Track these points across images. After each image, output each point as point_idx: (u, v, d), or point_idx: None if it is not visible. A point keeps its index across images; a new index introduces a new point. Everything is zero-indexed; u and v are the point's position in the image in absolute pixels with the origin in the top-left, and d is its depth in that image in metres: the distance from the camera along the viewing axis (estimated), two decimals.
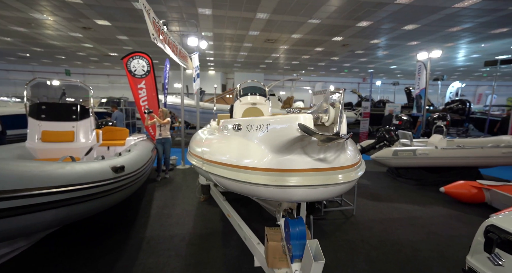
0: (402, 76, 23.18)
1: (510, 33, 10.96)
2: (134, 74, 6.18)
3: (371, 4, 8.11)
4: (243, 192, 1.53)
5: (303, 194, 1.33)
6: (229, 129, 1.83)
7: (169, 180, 5.62)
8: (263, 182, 1.35)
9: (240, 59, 16.92)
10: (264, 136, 1.38)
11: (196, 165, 2.08)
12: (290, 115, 1.20)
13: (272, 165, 1.35)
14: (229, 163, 1.53)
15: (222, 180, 1.63)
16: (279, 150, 1.32)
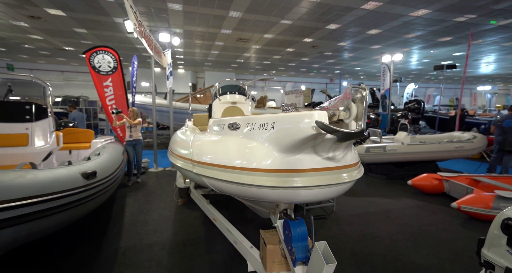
0: (365, 78, 24.80)
1: (453, 42, 12.37)
2: (98, 71, 5.65)
3: (339, 8, 8.50)
4: (245, 195, 1.44)
5: (312, 195, 1.29)
6: (223, 129, 1.72)
7: (141, 184, 5.25)
8: (270, 183, 1.28)
9: (211, 58, 16.58)
10: (270, 135, 1.30)
11: (184, 167, 1.92)
12: (302, 113, 1.15)
13: (280, 165, 1.29)
14: (228, 164, 1.42)
15: (219, 183, 1.52)
16: (289, 149, 1.26)
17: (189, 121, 5.27)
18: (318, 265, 1.34)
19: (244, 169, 1.36)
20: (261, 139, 1.36)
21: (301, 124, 1.15)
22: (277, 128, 1.27)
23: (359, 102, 1.02)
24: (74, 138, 4.94)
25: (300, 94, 14.44)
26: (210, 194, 3.79)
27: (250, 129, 1.44)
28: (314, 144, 1.23)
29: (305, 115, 1.12)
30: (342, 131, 1.01)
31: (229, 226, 2.28)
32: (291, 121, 1.21)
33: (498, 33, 11.19)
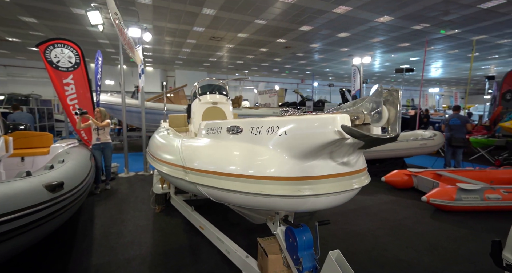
0: (333, 79, 25.98)
1: (410, 48, 13.53)
2: (57, 66, 5.04)
3: (312, 10, 8.73)
4: (251, 204, 1.33)
5: (325, 202, 1.23)
6: (220, 132, 1.58)
7: (111, 192, 4.81)
8: (283, 192, 1.18)
9: (182, 56, 15.96)
10: (282, 140, 1.20)
11: (172, 174, 1.74)
12: (322, 116, 1.06)
13: (294, 172, 1.20)
14: (231, 172, 1.30)
15: (219, 192, 1.39)
16: (304, 155, 1.18)
17: (164, 123, 4.96)
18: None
19: (251, 177, 1.25)
20: (271, 143, 1.25)
21: (321, 129, 1.07)
22: (290, 132, 1.18)
23: (392, 106, 0.97)
24: (28, 142, 4.33)
25: (274, 94, 14.59)
26: (191, 199, 3.59)
27: (255, 133, 1.33)
28: (333, 149, 1.16)
29: (326, 119, 1.05)
30: (373, 137, 0.96)
31: (219, 234, 2.14)
32: (309, 125, 1.12)
33: (445, 41, 12.50)
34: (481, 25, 10.20)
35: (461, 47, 13.54)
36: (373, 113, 0.97)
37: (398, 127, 0.95)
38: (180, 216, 3.68)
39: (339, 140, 1.02)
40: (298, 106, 12.93)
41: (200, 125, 1.88)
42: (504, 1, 8.07)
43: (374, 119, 0.98)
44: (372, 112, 0.97)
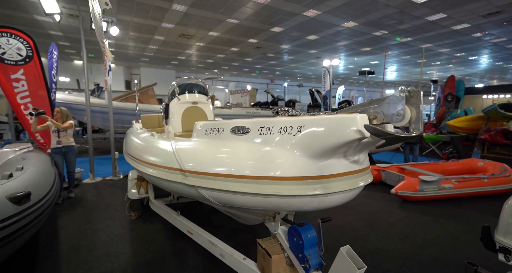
0: (302, 79, 26.92)
1: (371, 52, 14.64)
2: (1, 59, 4.41)
3: (284, 12, 8.94)
4: (263, 206, 1.30)
5: (337, 200, 1.26)
6: (222, 133, 1.51)
7: (76, 200, 4.36)
8: (299, 192, 1.18)
9: (149, 53, 15.12)
10: (298, 140, 1.19)
11: (166, 178, 1.63)
12: (342, 116, 1.07)
13: (310, 172, 1.20)
14: (243, 174, 1.26)
15: (225, 195, 1.33)
16: (320, 154, 1.18)
17: (137, 124, 4.66)
18: (347, 271, 1.31)
19: (266, 178, 1.22)
20: (284, 144, 1.24)
21: (342, 128, 1.08)
22: (305, 132, 1.18)
23: (414, 105, 1.02)
24: None
25: (246, 94, 14.60)
26: (172, 203, 3.42)
27: (265, 133, 1.30)
28: (347, 148, 1.19)
29: (346, 119, 1.06)
30: (399, 136, 1.01)
31: (211, 238, 2.06)
32: (328, 125, 1.12)
33: (400, 48, 13.79)
34: (427, 35, 11.46)
35: (412, 54, 15.05)
36: (396, 113, 1.00)
37: (421, 126, 1.01)
38: (159, 222, 3.49)
39: (359, 139, 1.06)
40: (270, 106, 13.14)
41: (196, 126, 1.79)
42: (445, 15, 9.18)
43: (396, 119, 1.02)
44: (394, 112, 1.01)
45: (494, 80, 27.71)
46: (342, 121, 1.06)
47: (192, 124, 3.71)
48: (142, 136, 2.62)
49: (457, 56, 15.49)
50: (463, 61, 17.32)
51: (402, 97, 0.97)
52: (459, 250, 2.82)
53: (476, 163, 5.34)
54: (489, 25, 10.26)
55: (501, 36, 11.66)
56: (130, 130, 3.96)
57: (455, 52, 14.57)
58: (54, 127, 4.15)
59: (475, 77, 24.68)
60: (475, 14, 9.16)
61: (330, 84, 10.03)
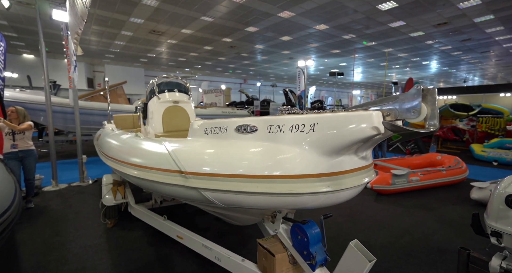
0: (274, 79, 27.37)
1: (340, 54, 15.45)
2: None
3: (259, 12, 9.01)
4: (275, 205, 1.27)
5: (347, 196, 1.27)
6: (225, 132, 1.45)
7: (37, 211, 3.90)
8: (313, 190, 1.18)
9: (115, 49, 14.14)
10: (312, 137, 1.19)
11: (161, 181, 1.52)
12: (357, 113, 1.08)
13: (325, 169, 1.20)
14: (255, 174, 1.23)
15: (234, 196, 1.27)
16: (335, 151, 1.18)
17: (109, 124, 4.33)
18: (358, 264, 1.35)
19: (279, 177, 1.21)
20: (296, 141, 1.23)
21: (358, 125, 1.09)
22: (319, 129, 1.18)
23: (429, 102, 1.06)
24: None
25: (221, 93, 14.42)
26: (154, 207, 3.24)
27: (275, 131, 1.28)
28: (362, 144, 1.21)
29: (363, 116, 1.08)
30: (415, 131, 1.05)
31: (204, 241, 1.98)
32: (343, 123, 1.13)
33: (365, 51, 14.77)
34: (389, 40, 12.44)
35: (376, 57, 16.20)
36: (412, 110, 1.05)
37: (437, 122, 1.06)
38: (139, 228, 3.28)
39: (374, 135, 1.09)
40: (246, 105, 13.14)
41: (193, 126, 1.69)
42: (404, 23, 10.07)
43: (412, 115, 1.07)
44: (410, 109, 1.05)
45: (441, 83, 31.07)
46: (358, 119, 1.09)
47: (173, 125, 3.57)
48: (124, 137, 2.43)
49: (413, 60, 17.05)
50: (417, 66, 19.13)
51: (418, 95, 1.02)
52: (430, 236, 3.10)
53: (435, 157, 5.93)
54: (438, 34, 11.48)
55: (448, 44, 13.12)
56: (104, 132, 3.66)
57: (412, 57, 16.02)
58: (7, 129, 3.67)
59: (426, 80, 27.39)
60: (428, 24, 10.17)
61: (305, 84, 10.34)
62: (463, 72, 22.52)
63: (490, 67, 20.06)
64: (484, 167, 6.63)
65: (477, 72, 22.83)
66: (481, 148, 7.58)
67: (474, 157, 7.44)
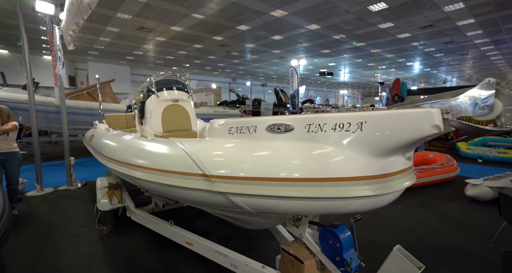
0: (264, 79, 27.37)
1: (330, 54, 15.66)
2: None
3: (252, 11, 8.91)
4: (317, 210, 1.17)
5: (391, 199, 1.19)
6: (254, 132, 1.34)
7: (22, 218, 3.61)
8: (363, 193, 1.10)
9: (99, 46, 13.53)
10: (360, 137, 1.11)
11: (182, 186, 1.39)
12: (414, 111, 1.01)
13: (375, 170, 1.12)
14: (295, 176, 1.14)
15: (268, 201, 1.17)
16: (386, 151, 1.11)
17: (101, 124, 4.09)
18: (404, 272, 1.28)
19: (323, 179, 1.12)
20: (341, 141, 1.14)
21: (417, 124, 1.01)
22: (368, 129, 1.10)
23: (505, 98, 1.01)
24: None
25: (211, 92, 14.18)
26: (154, 212, 3.08)
27: (315, 131, 1.19)
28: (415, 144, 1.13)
29: (421, 114, 1.00)
30: (488, 129, 1.00)
31: (218, 247, 1.87)
32: (397, 121, 1.04)
33: (354, 52, 15.06)
34: (378, 41, 12.75)
35: (364, 58, 16.57)
36: (481, 106, 0.99)
37: None
38: (138, 234, 3.11)
39: (433, 134, 1.02)
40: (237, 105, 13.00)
41: (213, 125, 1.57)
42: (392, 24, 10.35)
43: (481, 113, 0.99)
44: (478, 106, 0.99)
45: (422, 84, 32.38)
46: (416, 117, 1.01)
47: (173, 124, 3.41)
48: (128, 138, 2.25)
49: (399, 61, 17.60)
50: (402, 66, 19.77)
51: (491, 90, 0.96)
52: (433, 234, 3.16)
53: (427, 155, 6.10)
54: (423, 36, 11.89)
55: (431, 46, 13.64)
56: (98, 132, 3.44)
57: (398, 58, 16.52)
58: None
59: (409, 80, 28.43)
60: (415, 26, 10.51)
61: (298, 83, 10.37)
62: (443, 73, 23.58)
63: (467, 69, 21.11)
64: (470, 164, 6.91)
65: (455, 74, 23.98)
66: (466, 145, 7.91)
67: (460, 154, 7.75)
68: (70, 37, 3.31)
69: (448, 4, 8.34)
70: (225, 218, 2.15)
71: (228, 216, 1.95)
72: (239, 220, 1.98)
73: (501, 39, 12.29)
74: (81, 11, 2.49)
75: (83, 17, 2.54)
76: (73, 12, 2.65)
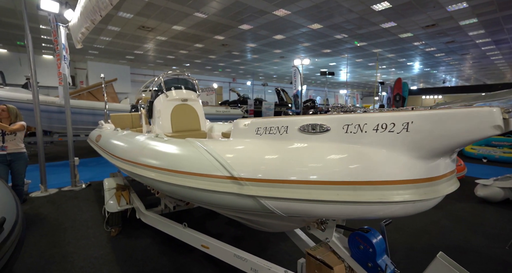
0: (264, 78, 27.31)
1: (331, 54, 15.64)
2: None
3: (255, 10, 8.86)
4: (357, 215, 1.12)
5: (433, 204, 1.13)
6: (285, 132, 1.29)
7: (28, 220, 3.53)
8: (410, 198, 1.03)
9: (100, 45, 13.44)
10: (405, 138, 1.05)
11: (207, 189, 1.32)
12: (472, 110, 0.96)
13: (422, 173, 1.06)
14: (335, 179, 1.09)
15: (304, 205, 1.12)
16: (436, 153, 1.05)
17: (106, 124, 4.03)
18: None
19: (367, 183, 1.06)
20: (384, 143, 1.09)
21: (475, 124, 0.95)
22: (416, 129, 1.03)
23: None
24: None
25: (212, 92, 14.11)
26: (164, 213, 3.03)
27: (354, 132, 1.14)
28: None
29: (480, 113, 0.94)
30: None
31: (237, 251, 1.81)
32: (450, 121, 0.98)
33: (355, 51, 15.05)
34: (379, 40, 12.73)
35: (365, 57, 16.56)
36: None
37: None
38: (147, 235, 3.06)
39: (492, 135, 0.97)
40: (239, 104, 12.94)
41: (238, 125, 1.51)
42: (395, 24, 10.33)
43: None
44: None
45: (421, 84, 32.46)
46: (475, 116, 0.95)
47: (182, 124, 3.36)
48: (142, 139, 2.20)
49: (400, 61, 17.60)
50: (402, 66, 19.79)
51: None
52: (447, 235, 3.12)
53: None
54: (425, 36, 11.89)
55: (433, 46, 13.65)
56: (106, 132, 3.38)
57: (399, 57, 16.53)
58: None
59: (409, 80, 28.50)
60: (418, 25, 10.50)
61: (301, 83, 10.32)
62: (443, 73, 23.63)
63: (467, 68, 21.17)
64: (475, 164, 6.90)
65: (455, 73, 24.05)
66: (471, 145, 7.90)
67: (464, 154, 7.74)
68: (81, 35, 3.25)
69: (452, 3, 8.33)
70: (239, 220, 2.10)
71: (245, 218, 1.90)
72: (257, 223, 1.93)
73: (502, 39, 12.32)
74: (99, 8, 2.43)
75: (101, 14, 2.48)
76: (89, 9, 2.59)
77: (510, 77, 25.32)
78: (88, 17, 2.74)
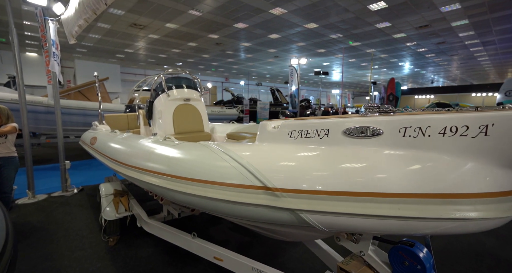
0: (256, 78, 27.18)
1: (324, 54, 15.68)
2: None
3: (251, 8, 8.71)
4: (420, 232, 0.97)
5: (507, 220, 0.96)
6: (326, 136, 1.14)
7: (16, 229, 3.26)
8: (493, 214, 0.89)
9: (88, 43, 12.94)
10: (482, 143, 0.91)
11: (238, 200, 1.14)
12: None
13: (506, 185, 0.91)
14: (394, 191, 0.95)
15: (359, 220, 1.00)
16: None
17: (101, 125, 3.79)
18: None
19: (435, 195, 0.91)
20: (455, 149, 0.94)
21: None
22: (497, 133, 0.89)
23: None
24: None
25: (207, 92, 13.85)
26: (166, 220, 2.84)
27: (413, 135, 0.99)
28: None
29: None
30: None
31: (255, 264, 1.65)
32: None
33: (349, 51, 15.13)
34: (373, 41, 12.83)
35: (358, 57, 16.70)
36: None
37: None
38: (148, 245, 2.87)
39: None
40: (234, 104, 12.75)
41: (265, 127, 1.34)
42: (389, 24, 10.41)
43: None
44: None
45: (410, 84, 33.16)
46: None
47: (185, 125, 3.17)
48: (149, 142, 2.00)
49: (392, 61, 17.86)
50: (394, 66, 20.10)
51: None
52: (460, 238, 3.08)
53: None
54: (418, 37, 12.07)
55: (424, 46, 13.89)
56: (102, 134, 3.15)
57: (391, 58, 16.75)
58: None
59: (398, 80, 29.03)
60: (411, 26, 10.62)
61: (298, 82, 10.24)
62: (431, 73, 24.20)
63: (455, 69, 21.74)
64: None
65: (442, 74, 24.67)
66: None
67: None
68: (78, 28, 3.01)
69: (445, 4, 8.44)
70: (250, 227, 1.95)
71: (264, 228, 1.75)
72: (274, 231, 1.79)
73: (489, 41, 12.67)
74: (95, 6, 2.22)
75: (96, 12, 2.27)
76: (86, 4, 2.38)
77: (493, 78, 26.23)
78: (89, 7, 2.52)
